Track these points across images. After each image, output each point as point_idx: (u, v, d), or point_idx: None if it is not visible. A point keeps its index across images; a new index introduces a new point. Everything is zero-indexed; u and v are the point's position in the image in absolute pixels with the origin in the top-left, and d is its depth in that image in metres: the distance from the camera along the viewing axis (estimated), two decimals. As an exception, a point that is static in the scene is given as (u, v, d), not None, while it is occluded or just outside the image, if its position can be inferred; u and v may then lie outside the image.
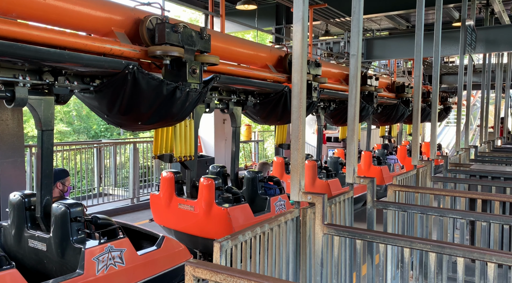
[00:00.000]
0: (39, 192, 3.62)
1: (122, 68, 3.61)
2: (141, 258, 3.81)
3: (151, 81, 3.76)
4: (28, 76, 3.32)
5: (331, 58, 12.63)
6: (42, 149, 3.56)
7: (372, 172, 9.21)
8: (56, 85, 3.45)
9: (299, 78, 2.87)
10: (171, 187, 5.47)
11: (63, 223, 3.44)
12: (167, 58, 3.90)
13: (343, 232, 2.82)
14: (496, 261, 2.26)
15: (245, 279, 1.82)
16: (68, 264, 3.47)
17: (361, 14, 3.58)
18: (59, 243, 3.51)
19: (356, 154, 3.62)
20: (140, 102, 3.87)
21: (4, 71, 3.17)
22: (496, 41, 10.32)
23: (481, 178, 5.23)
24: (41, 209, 3.61)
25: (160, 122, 4.30)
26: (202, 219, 5.16)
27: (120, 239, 3.65)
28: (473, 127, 23.65)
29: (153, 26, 3.92)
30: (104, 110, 4.06)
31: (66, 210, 3.44)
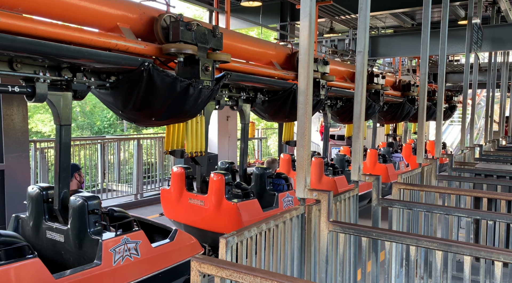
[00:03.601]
0: (57, 185, 3.72)
1: (138, 65, 3.68)
2: (155, 250, 3.89)
3: (165, 78, 3.83)
4: (48, 72, 3.41)
5: (336, 56, 12.58)
6: (60, 143, 3.67)
7: (378, 170, 9.26)
8: (74, 81, 3.55)
9: (305, 74, 2.85)
10: (181, 182, 5.55)
11: (81, 215, 3.55)
12: (181, 56, 3.96)
13: (349, 230, 2.81)
14: (503, 260, 2.24)
15: (251, 275, 1.81)
16: (85, 255, 3.56)
17: (368, 11, 3.56)
18: (76, 235, 3.60)
19: (361, 152, 3.61)
20: (155, 98, 3.94)
21: (25, 68, 3.27)
22: (502, 40, 10.26)
23: (486, 176, 5.20)
24: (59, 202, 3.72)
25: (173, 118, 4.37)
26: (212, 213, 5.24)
27: (136, 232, 3.74)
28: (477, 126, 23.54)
29: (167, 24, 3.97)
30: (119, 106, 4.14)
31: (84, 202, 3.54)
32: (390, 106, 10.13)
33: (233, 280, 1.87)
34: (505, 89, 12.34)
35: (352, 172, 3.60)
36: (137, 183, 8.86)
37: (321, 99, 6.45)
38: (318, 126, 15.36)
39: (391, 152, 10.49)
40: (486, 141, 10.66)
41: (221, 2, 9.56)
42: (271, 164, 6.68)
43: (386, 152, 10.25)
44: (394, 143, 12.12)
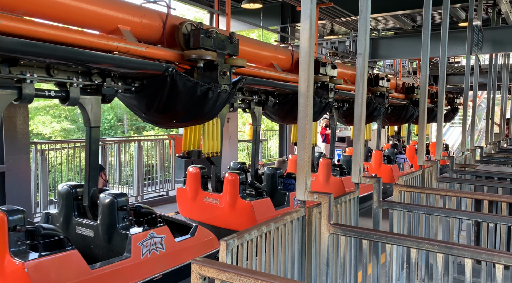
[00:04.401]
0: (86, 183, 3.97)
1: (163, 70, 3.93)
2: (178, 244, 4.13)
3: (187, 83, 4.08)
4: (80, 77, 3.67)
5: (336, 58, 12.58)
6: (90, 144, 3.92)
7: (383, 171, 9.42)
8: (104, 86, 3.82)
9: (306, 76, 2.85)
10: (197, 182, 5.77)
11: (110, 211, 3.80)
12: (201, 62, 4.21)
13: (349, 232, 2.80)
14: (504, 263, 2.23)
15: (252, 278, 1.80)
16: (114, 248, 3.80)
17: (369, 12, 3.55)
18: (106, 230, 3.85)
19: (362, 154, 3.61)
20: (176, 102, 4.18)
21: (60, 73, 3.55)
22: (503, 41, 10.26)
23: (487, 179, 5.19)
24: (88, 199, 3.97)
25: (193, 120, 4.65)
26: (226, 211, 5.48)
27: (161, 227, 3.98)
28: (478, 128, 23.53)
29: (187, 31, 4.22)
30: (143, 109, 4.39)
31: (114, 199, 3.80)
32: (394, 108, 10.26)
33: (233, 282, 1.86)
34: (505, 91, 12.33)
35: (352, 174, 3.60)
36: (138, 185, 8.85)
37: (329, 101, 6.67)
38: (318, 129, 15.35)
39: (395, 153, 10.65)
40: (487, 143, 10.65)
41: (222, 4, 9.57)
42: (281, 164, 6.95)
43: (391, 153, 10.44)
44: (398, 144, 12.21)
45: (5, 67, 3.18)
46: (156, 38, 4.27)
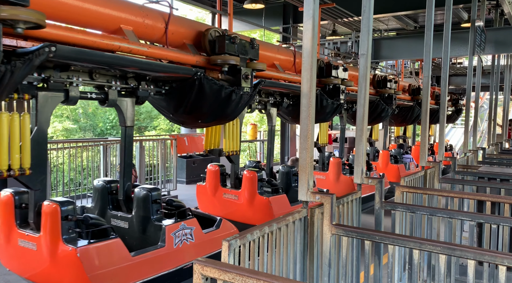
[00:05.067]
0: (121, 178, 4.30)
1: (192, 74, 4.25)
2: (206, 236, 4.40)
3: (213, 86, 4.40)
4: (118, 81, 4.01)
5: (338, 58, 12.58)
6: (125, 142, 4.25)
7: (390, 170, 9.69)
8: (140, 88, 4.15)
9: (308, 77, 2.84)
10: (216, 179, 6.04)
11: (145, 204, 4.13)
12: (226, 66, 4.52)
13: (352, 233, 2.79)
14: (507, 264, 2.22)
15: (254, 278, 1.80)
16: (149, 239, 4.09)
17: (371, 13, 3.55)
18: (141, 222, 4.16)
19: (364, 154, 3.60)
20: (203, 103, 4.49)
21: (101, 77, 3.86)
22: (505, 42, 10.23)
23: (489, 180, 5.17)
24: (123, 193, 4.30)
25: (217, 120, 4.99)
26: (245, 207, 5.77)
27: (190, 219, 4.26)
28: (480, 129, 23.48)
29: (212, 37, 4.53)
30: (171, 110, 4.72)
31: (148, 193, 4.12)
32: (400, 110, 10.45)
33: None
34: (508, 92, 12.30)
35: (355, 174, 3.59)
36: (139, 185, 8.85)
37: (341, 103, 6.93)
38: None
39: (401, 153, 10.89)
40: (489, 144, 10.63)
41: (224, 4, 9.58)
42: (295, 163, 7.25)
43: (397, 153, 10.69)
44: (404, 144, 12.39)
45: (57, 72, 3.51)
46: (158, 38, 4.29)
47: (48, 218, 3.40)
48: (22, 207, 3.69)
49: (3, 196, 3.76)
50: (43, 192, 3.57)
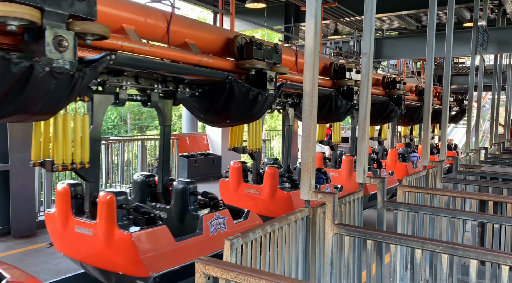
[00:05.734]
0: (160, 173, 4.77)
1: (224, 78, 4.58)
2: (236, 225, 4.74)
3: (242, 88, 4.73)
4: (159, 84, 4.40)
5: (340, 58, 12.56)
6: (164, 140, 4.73)
7: (398, 168, 10.08)
8: (178, 91, 4.57)
9: (311, 76, 2.84)
10: (238, 175, 6.42)
11: (183, 196, 4.56)
12: (253, 70, 4.88)
13: (354, 232, 2.79)
14: (510, 264, 2.22)
15: (256, 277, 1.80)
16: (187, 227, 4.50)
17: (374, 12, 3.54)
18: (179, 212, 4.59)
19: (366, 153, 3.59)
20: (231, 104, 4.82)
21: (145, 81, 4.26)
22: (508, 42, 10.21)
23: (492, 180, 5.16)
24: (162, 186, 4.76)
25: (243, 120, 5.38)
26: (267, 201, 6.16)
27: (223, 210, 4.62)
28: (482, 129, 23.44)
29: (240, 44, 4.88)
30: (202, 110, 5.09)
31: (186, 186, 4.56)
32: (408, 110, 10.69)
33: (238, 282, 1.86)
34: (510, 92, 12.27)
35: (357, 174, 3.59)
36: (141, 184, 8.84)
37: (354, 103, 7.27)
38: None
39: (409, 152, 11.20)
40: (491, 144, 10.61)
41: (226, 3, 9.58)
42: None
43: (405, 152, 10.96)
44: (411, 143, 12.67)
45: (111, 77, 3.91)
46: (160, 38, 4.30)
47: (105, 207, 3.77)
48: (77, 198, 4.08)
49: (60, 188, 4.14)
50: (97, 184, 4.00)
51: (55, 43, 2.88)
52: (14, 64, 2.72)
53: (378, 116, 9.01)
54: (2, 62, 2.68)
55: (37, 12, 2.76)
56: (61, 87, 3.02)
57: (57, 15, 2.88)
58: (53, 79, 2.93)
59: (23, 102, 2.95)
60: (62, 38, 2.91)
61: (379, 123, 9.87)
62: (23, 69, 2.77)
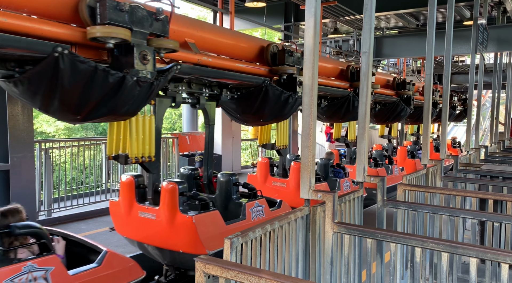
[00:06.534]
0: (205, 166, 5.44)
1: (261, 82, 5.17)
2: (272, 213, 5.22)
3: (275, 91, 5.29)
4: (207, 88, 5.02)
5: (340, 56, 12.55)
6: (208, 138, 5.36)
7: (408, 164, 10.78)
8: (222, 94, 5.19)
9: (310, 75, 2.84)
10: (266, 169, 7.00)
11: (227, 186, 5.20)
12: (285, 75, 5.46)
13: (354, 231, 2.79)
14: (510, 262, 2.22)
15: (256, 276, 1.80)
16: (231, 214, 5.01)
17: (373, 11, 3.54)
18: (223, 200, 5.21)
19: (366, 152, 3.60)
20: (265, 106, 5.38)
21: (196, 86, 4.87)
22: (508, 40, 10.20)
23: (492, 178, 5.16)
24: (207, 178, 5.43)
25: (274, 119, 5.99)
26: (293, 193, 6.73)
27: (261, 199, 5.23)
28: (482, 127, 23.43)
29: (273, 52, 5.42)
30: (239, 111, 5.67)
31: (230, 177, 5.22)
32: (415, 109, 11.07)
33: (237, 281, 1.86)
34: (510, 90, 12.26)
35: (356, 173, 3.59)
36: (141, 184, 8.85)
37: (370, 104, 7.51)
38: (322, 128, 15.38)
39: (417, 149, 11.71)
40: (491, 142, 10.61)
41: (226, 3, 9.57)
42: (330, 156, 8.31)
43: (413, 149, 11.53)
44: (418, 141, 13.00)
45: (172, 83, 4.52)
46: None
47: (168, 194, 4.31)
48: (140, 187, 4.66)
49: (125, 179, 4.72)
50: (158, 175, 4.60)
51: (141, 57, 3.47)
52: (111, 75, 3.28)
53: (390, 115, 9.63)
54: (102, 73, 3.23)
55: (129, 31, 3.32)
56: (143, 93, 3.60)
57: (141, 34, 3.45)
58: (138, 87, 3.49)
59: (114, 105, 3.51)
60: (145, 52, 3.49)
61: (390, 121, 10.48)
62: (117, 79, 3.33)
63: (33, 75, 3.12)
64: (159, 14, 3.54)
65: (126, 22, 3.30)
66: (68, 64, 3.08)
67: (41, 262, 3.12)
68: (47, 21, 3.13)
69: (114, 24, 3.23)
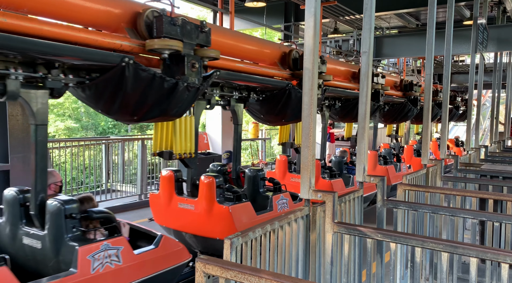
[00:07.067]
0: (234, 163, 5.90)
1: (285, 85, 5.59)
2: (294, 205, 5.60)
3: (298, 94, 5.67)
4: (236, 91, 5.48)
5: (340, 56, 12.55)
6: (237, 136, 5.83)
7: (414, 162, 11.16)
8: (251, 97, 5.65)
9: (310, 75, 2.84)
10: (285, 166, 7.57)
11: (255, 181, 5.75)
12: None
13: (354, 231, 2.79)
14: (510, 262, 2.22)
15: (256, 276, 1.80)
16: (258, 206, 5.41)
17: (373, 11, 3.54)
18: (251, 193, 5.65)
19: (366, 152, 3.59)
20: (287, 107, 5.80)
21: (227, 90, 5.35)
22: (508, 40, 10.20)
23: (492, 178, 5.16)
24: (235, 173, 5.86)
25: (296, 119, 6.39)
26: None
27: (285, 192, 5.71)
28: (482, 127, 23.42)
29: (294, 57, 5.87)
30: (263, 112, 6.15)
31: (257, 172, 5.77)
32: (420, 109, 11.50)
33: (237, 281, 1.86)
34: (510, 90, 12.25)
35: (356, 173, 3.59)
36: (141, 184, 8.86)
37: (380, 105, 8.51)
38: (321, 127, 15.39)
39: None
40: (491, 142, 10.60)
41: (225, 2, 9.56)
42: (344, 154, 8.83)
43: (419, 147, 11.90)
44: None
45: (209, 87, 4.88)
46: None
47: (206, 187, 4.87)
48: (179, 181, 5.24)
49: (165, 174, 5.27)
50: (196, 170, 5.08)
51: (190, 65, 3.94)
52: (166, 81, 3.76)
53: (397, 115, 10.23)
54: (159, 80, 3.71)
55: (181, 43, 3.78)
56: (190, 96, 4.08)
57: (190, 45, 3.93)
58: (187, 91, 3.98)
59: (166, 108, 3.98)
60: (194, 61, 3.97)
61: (397, 121, 11.18)
62: (171, 85, 3.81)
63: (101, 81, 3.60)
64: (203, 27, 4.05)
65: (178, 35, 3.79)
66: (132, 72, 3.54)
67: (113, 242, 3.57)
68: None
69: (169, 37, 3.72)
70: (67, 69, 3.51)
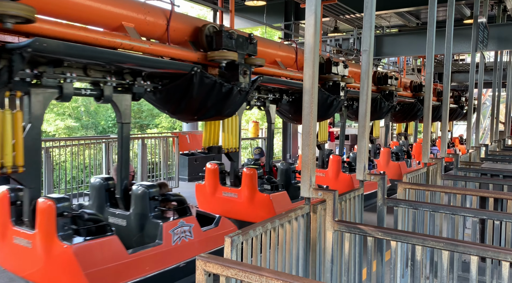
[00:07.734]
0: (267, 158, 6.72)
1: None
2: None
3: (323, 95, 6.41)
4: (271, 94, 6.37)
5: (340, 55, 12.54)
6: (270, 134, 6.77)
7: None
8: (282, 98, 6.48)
9: (311, 73, 2.84)
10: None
11: (287, 173, 6.71)
12: (331, 81, 6.74)
13: (354, 229, 2.79)
14: (510, 260, 2.22)
15: (257, 274, 1.80)
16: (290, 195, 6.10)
17: (374, 9, 3.53)
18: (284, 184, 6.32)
19: (366, 150, 3.59)
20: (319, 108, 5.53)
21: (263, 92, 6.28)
22: (508, 39, 10.19)
23: (492, 176, 5.16)
24: (269, 167, 6.58)
25: (321, 119, 7.25)
26: (331, 181, 8.15)
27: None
28: (483, 126, 23.41)
29: (321, 62, 6.47)
30: (292, 112, 6.94)
31: (289, 166, 6.78)
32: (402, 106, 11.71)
33: (238, 279, 1.86)
34: (511, 89, 12.24)
35: (357, 171, 3.58)
36: (142, 182, 8.85)
37: (394, 105, 9.13)
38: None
39: (431, 145, 12.53)
40: (491, 141, 10.60)
41: (226, 1, 9.55)
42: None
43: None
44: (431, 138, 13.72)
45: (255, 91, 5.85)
46: (159, 36, 4.30)
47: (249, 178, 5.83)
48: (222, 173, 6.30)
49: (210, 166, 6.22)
50: (237, 164, 6.08)
51: (242, 72, 4.64)
52: (224, 86, 4.50)
53: (407, 114, 10.86)
54: (219, 85, 4.45)
55: (236, 54, 4.50)
56: (241, 99, 4.77)
57: (242, 55, 4.62)
58: (239, 95, 4.69)
59: (221, 108, 4.70)
60: (245, 69, 4.68)
61: (407, 120, 11.86)
62: (228, 89, 4.54)
63: (171, 87, 4.31)
64: (252, 39, 4.73)
65: (233, 47, 4.48)
66: (198, 79, 4.22)
67: (187, 220, 4.32)
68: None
69: (226, 49, 4.40)
70: (146, 76, 4.25)
